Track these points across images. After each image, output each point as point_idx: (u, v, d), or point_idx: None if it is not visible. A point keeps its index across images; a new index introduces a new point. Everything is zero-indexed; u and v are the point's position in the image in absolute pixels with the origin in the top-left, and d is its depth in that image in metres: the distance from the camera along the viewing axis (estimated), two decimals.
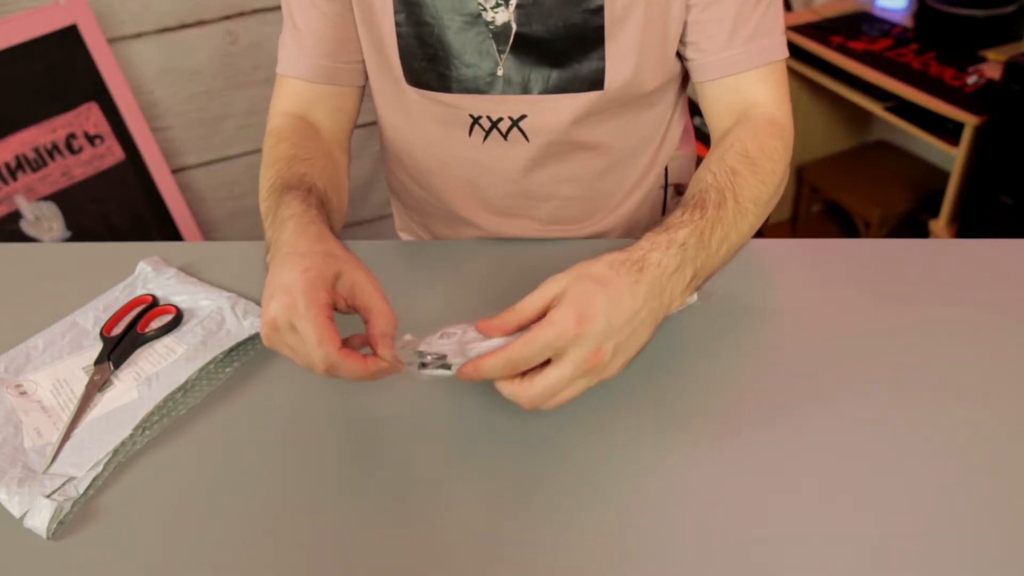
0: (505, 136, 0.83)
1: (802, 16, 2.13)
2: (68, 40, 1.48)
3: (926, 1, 1.94)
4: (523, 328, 0.57)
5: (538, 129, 0.82)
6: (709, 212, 0.65)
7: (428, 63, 0.79)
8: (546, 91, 0.79)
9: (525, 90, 0.79)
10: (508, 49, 0.77)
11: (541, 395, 0.55)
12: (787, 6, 2.26)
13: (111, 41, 1.54)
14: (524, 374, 0.56)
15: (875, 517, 0.56)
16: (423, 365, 0.59)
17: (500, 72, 0.78)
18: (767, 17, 0.77)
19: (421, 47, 0.78)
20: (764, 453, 0.61)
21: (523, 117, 0.81)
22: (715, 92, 0.80)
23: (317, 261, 0.58)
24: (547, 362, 0.55)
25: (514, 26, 0.75)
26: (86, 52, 1.50)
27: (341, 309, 0.59)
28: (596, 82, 0.78)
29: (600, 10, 0.74)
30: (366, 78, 0.87)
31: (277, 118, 0.84)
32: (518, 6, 0.75)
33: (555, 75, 0.78)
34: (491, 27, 0.76)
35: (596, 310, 0.54)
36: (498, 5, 0.75)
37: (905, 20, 2.06)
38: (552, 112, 0.80)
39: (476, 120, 0.82)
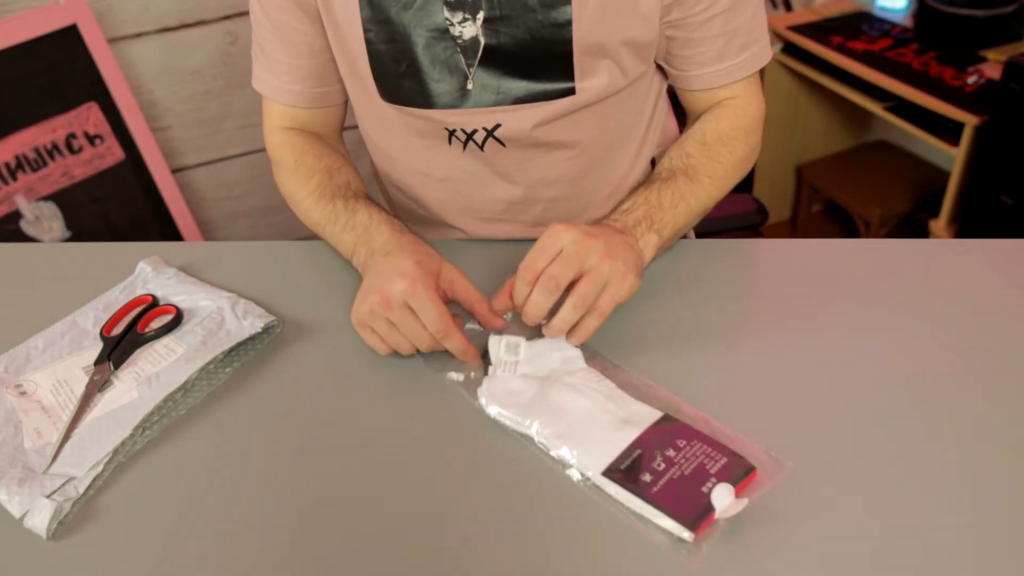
0: (481, 146, 0.83)
1: (802, 16, 2.13)
2: (68, 40, 1.48)
3: (926, 1, 1.94)
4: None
5: (513, 135, 0.82)
6: (655, 185, 0.77)
7: (400, 80, 0.79)
8: (518, 101, 0.79)
9: (497, 102, 0.79)
10: (477, 63, 0.77)
11: (555, 270, 0.64)
12: (787, 6, 2.26)
13: (111, 41, 1.54)
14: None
15: (874, 516, 0.56)
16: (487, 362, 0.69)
17: (470, 86, 0.78)
18: (754, 26, 0.79)
19: (393, 64, 0.79)
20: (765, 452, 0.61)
21: (497, 126, 0.81)
22: (702, 97, 0.84)
23: (424, 258, 0.70)
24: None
25: (482, 40, 0.75)
26: (86, 52, 1.50)
27: (440, 299, 0.69)
28: (567, 90, 0.78)
29: (568, 23, 0.74)
30: (346, 95, 0.91)
31: (279, 134, 0.89)
32: (485, 20, 0.74)
33: (525, 86, 0.78)
34: (459, 41, 0.76)
35: (575, 222, 0.68)
36: (465, 19, 0.75)
37: (905, 20, 2.06)
38: (525, 119, 0.80)
39: (452, 132, 0.83)
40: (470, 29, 0.75)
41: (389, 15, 0.75)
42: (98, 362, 0.72)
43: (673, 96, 0.94)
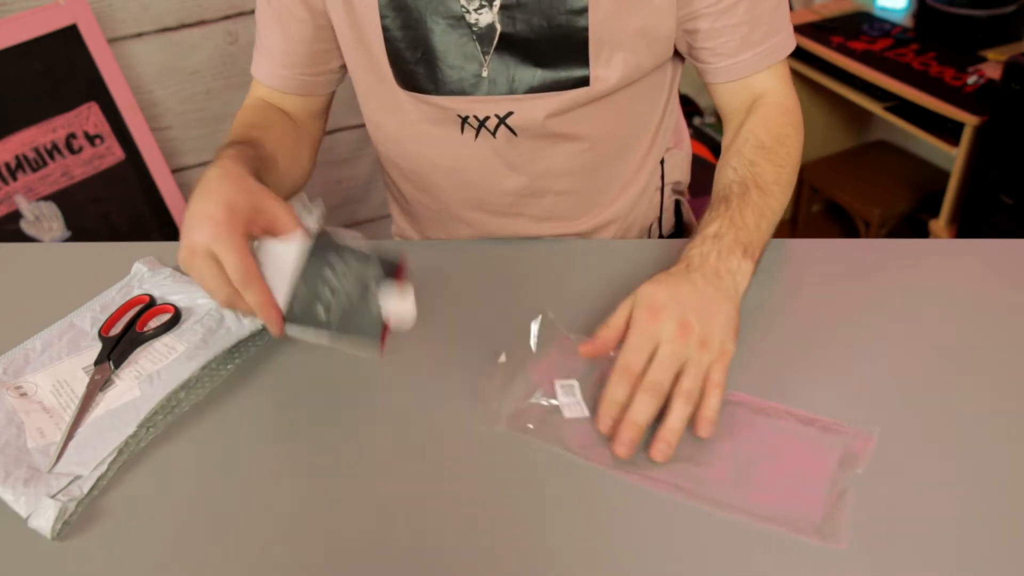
0: (493, 133, 0.83)
1: (802, 16, 2.13)
2: (68, 40, 1.47)
3: (926, 1, 1.94)
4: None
5: (525, 124, 0.82)
6: (734, 202, 0.73)
7: (415, 66, 0.80)
8: (532, 90, 0.79)
9: (511, 90, 0.79)
10: (492, 50, 0.77)
11: (658, 376, 0.61)
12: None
13: (111, 41, 1.54)
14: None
15: (872, 518, 0.56)
16: None
17: (485, 73, 0.78)
18: (777, 15, 0.80)
19: (408, 50, 0.79)
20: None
21: (509, 114, 0.81)
22: (729, 91, 0.84)
23: (239, 196, 0.62)
24: None
25: (498, 27, 0.76)
26: (86, 52, 1.50)
27: (257, 236, 0.63)
28: (582, 80, 0.78)
29: (584, 11, 0.74)
30: (336, 84, 0.91)
31: (248, 99, 0.91)
32: (502, 7, 0.75)
33: (540, 74, 0.78)
34: (475, 29, 0.76)
35: (662, 299, 0.64)
36: (481, 7, 0.75)
37: (905, 20, 2.06)
38: (539, 108, 0.80)
39: (464, 119, 0.83)
40: (486, 16, 0.75)
41: (406, 2, 0.76)
42: (98, 362, 0.72)
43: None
